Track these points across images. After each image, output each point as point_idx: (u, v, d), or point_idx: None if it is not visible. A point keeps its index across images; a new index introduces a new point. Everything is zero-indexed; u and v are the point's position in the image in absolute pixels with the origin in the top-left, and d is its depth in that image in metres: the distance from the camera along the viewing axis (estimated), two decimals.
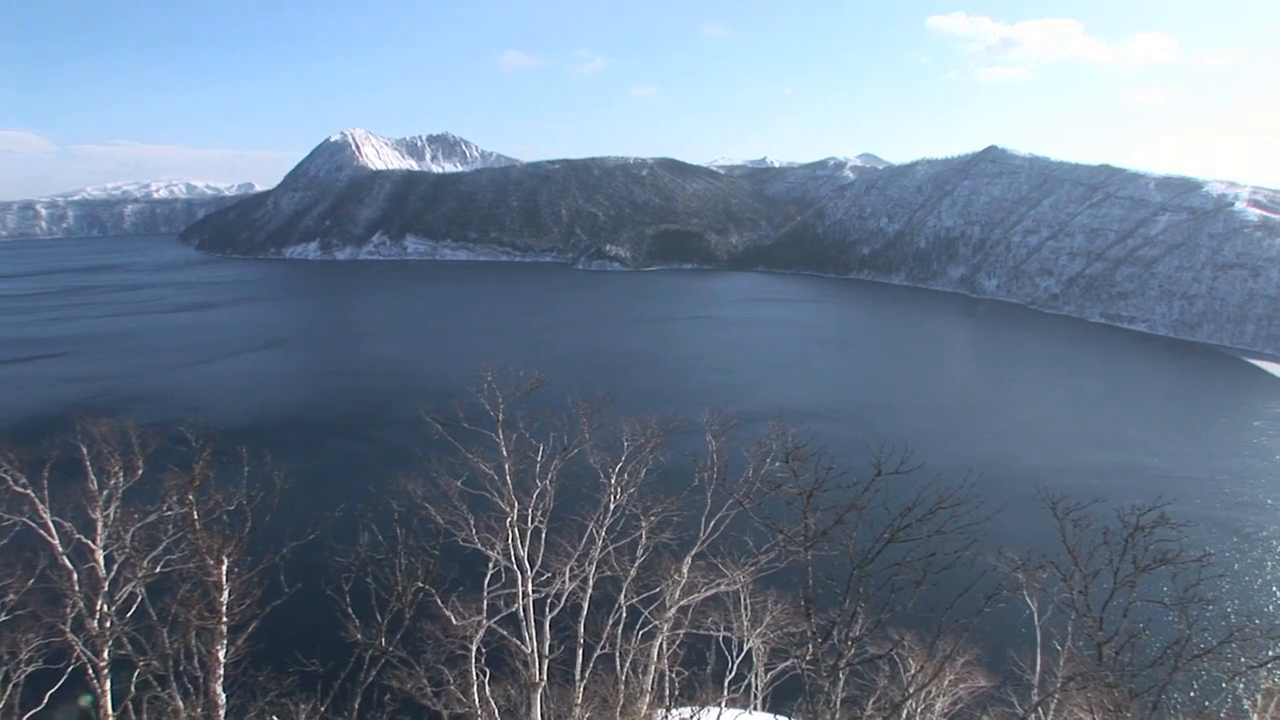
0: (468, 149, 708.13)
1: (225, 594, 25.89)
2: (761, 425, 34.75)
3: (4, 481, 28.51)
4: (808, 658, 25.59)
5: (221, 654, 25.82)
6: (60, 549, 28.41)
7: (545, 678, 30.67)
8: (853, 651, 22.95)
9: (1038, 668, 31.43)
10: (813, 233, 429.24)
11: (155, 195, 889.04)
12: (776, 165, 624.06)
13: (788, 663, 32.85)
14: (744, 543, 31.89)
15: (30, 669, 27.73)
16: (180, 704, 26.38)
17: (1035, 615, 30.19)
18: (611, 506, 32.17)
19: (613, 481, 32.52)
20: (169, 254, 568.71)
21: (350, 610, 25.97)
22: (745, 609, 35.26)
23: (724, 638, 35.89)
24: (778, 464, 28.52)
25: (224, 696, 25.96)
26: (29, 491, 28.70)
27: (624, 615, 32.12)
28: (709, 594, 32.89)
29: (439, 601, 28.54)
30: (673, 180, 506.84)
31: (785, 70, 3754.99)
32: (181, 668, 26.38)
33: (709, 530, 32.17)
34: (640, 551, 32.17)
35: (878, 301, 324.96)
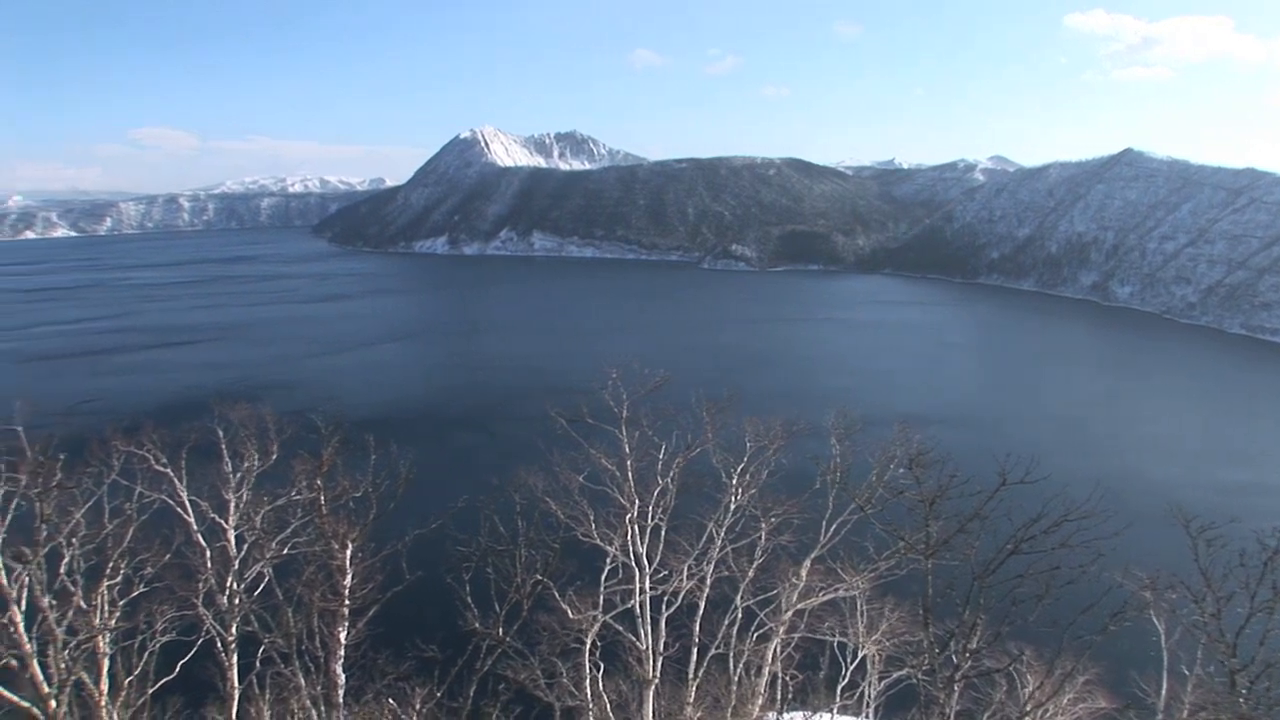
0: (595, 147, 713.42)
1: (349, 578, 26.58)
2: (885, 430, 34.29)
3: (146, 460, 29.69)
4: (924, 668, 25.30)
5: (343, 635, 26.52)
6: (195, 527, 29.46)
7: (658, 675, 30.74)
8: (969, 663, 22.62)
9: (1163, 692, 30.37)
10: (940, 236, 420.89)
11: (290, 189, 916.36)
12: (905, 167, 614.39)
13: (903, 672, 32.35)
14: (863, 548, 31.51)
15: (164, 639, 28.79)
16: (302, 681, 27.15)
17: (1163, 637, 29.13)
18: (732, 507, 32.09)
19: (734, 482, 32.43)
20: (303, 246, 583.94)
21: (469, 599, 26.36)
22: (862, 615, 34.82)
23: (839, 643, 35.48)
24: (901, 469, 28.19)
25: (343, 676, 26.65)
26: (169, 471, 29.84)
27: (739, 616, 32.02)
28: (826, 598, 32.58)
29: (556, 594, 28.78)
30: (800, 180, 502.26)
31: (916, 70, 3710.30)
32: (304, 647, 27.16)
33: (829, 534, 31.85)
34: (759, 553, 32.02)
35: (1006, 307, 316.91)
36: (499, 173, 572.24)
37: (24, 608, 25.80)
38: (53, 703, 25.54)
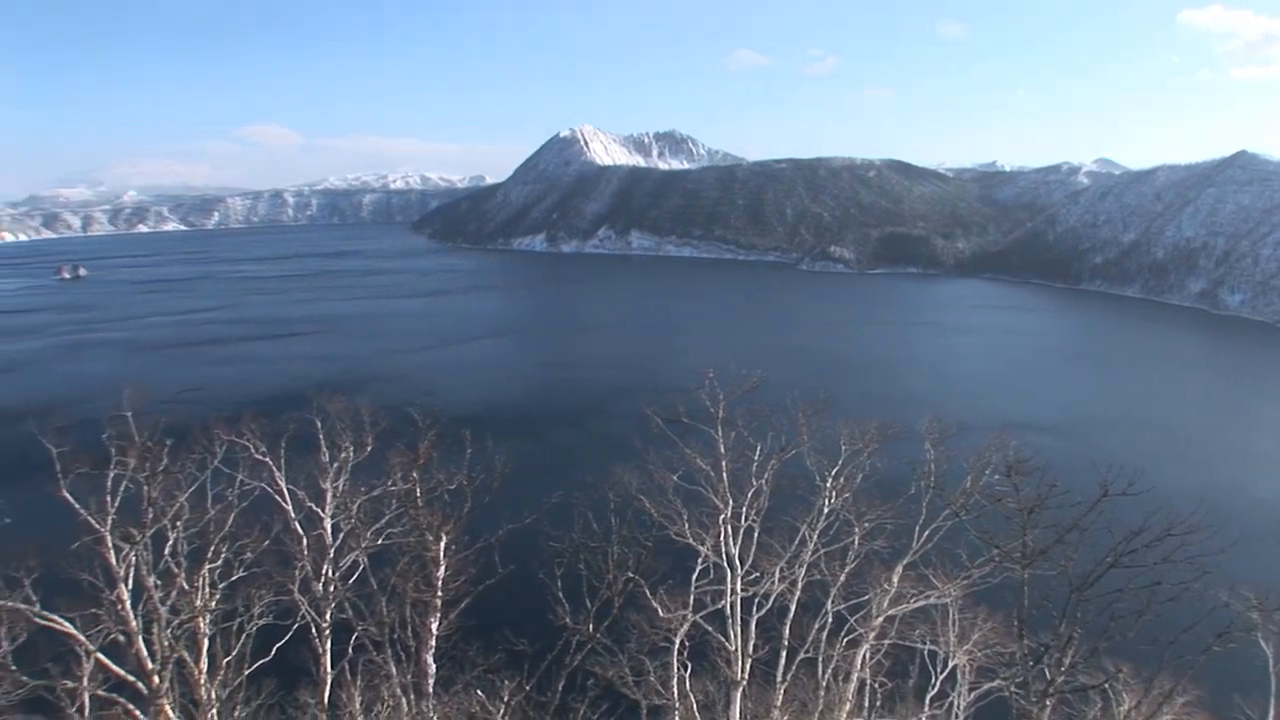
0: (694, 146, 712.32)
1: (442, 569, 26.97)
2: (982, 436, 33.79)
3: (247, 449, 30.48)
4: (1016, 680, 24.88)
5: (434, 626, 26.91)
6: (293, 515, 30.20)
7: (746, 676, 30.64)
8: (1064, 678, 22.17)
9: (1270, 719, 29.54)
10: (1042, 240, 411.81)
11: (391, 186, 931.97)
12: (1006, 169, 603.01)
13: (994, 683, 31.81)
14: (957, 555, 31.04)
15: (261, 622, 29.64)
16: (393, 669, 27.61)
17: (1270, 661, 28.22)
18: (825, 510, 31.86)
19: (828, 485, 32.19)
20: (403, 242, 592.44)
21: (561, 595, 26.53)
22: (953, 623, 34.29)
23: (929, 651, 35.02)
24: (998, 477, 27.72)
25: (434, 666, 27.04)
26: (268, 460, 30.60)
27: (830, 620, 31.80)
28: (918, 605, 32.18)
29: (647, 592, 28.87)
30: (899, 182, 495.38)
31: (1020, 71, 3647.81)
32: (396, 635, 27.65)
33: (922, 540, 31.42)
34: (851, 557, 31.76)
35: (1108, 313, 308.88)
36: (598, 171, 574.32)
37: (130, 586, 26.69)
38: (156, 678, 26.39)
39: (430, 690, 27.21)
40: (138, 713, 26.87)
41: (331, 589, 29.53)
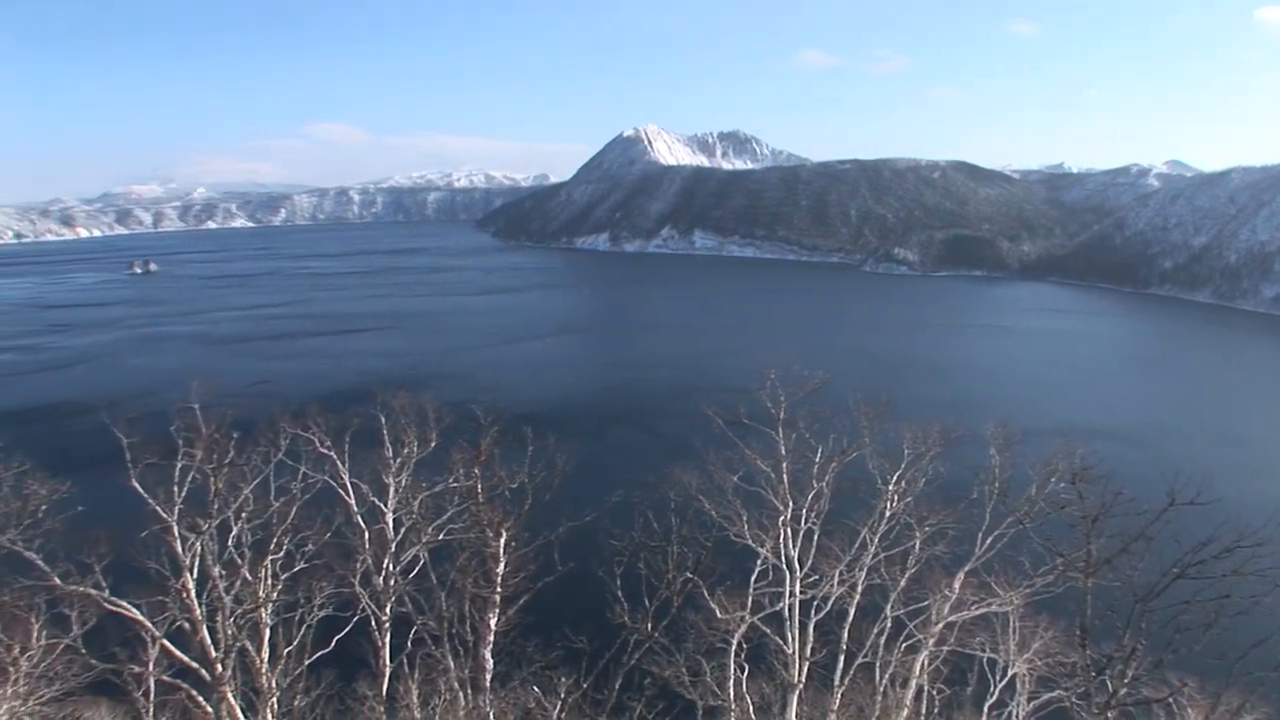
0: (758, 146, 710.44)
1: (501, 565, 27.19)
2: (1047, 442, 33.38)
3: (311, 442, 30.93)
4: (1077, 691, 24.57)
5: (493, 621, 27.12)
6: (355, 509, 30.63)
7: (804, 679, 30.54)
8: (1126, 691, 21.82)
9: None
10: (1110, 243, 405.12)
11: (456, 184, 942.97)
12: (1074, 171, 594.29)
13: (1054, 694, 31.36)
14: (1019, 563, 30.64)
15: (322, 614, 30.08)
16: (451, 664, 27.89)
17: None
18: (887, 514, 31.61)
19: (890, 488, 31.93)
20: (467, 240, 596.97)
21: (619, 593, 26.60)
22: (1014, 632, 33.84)
23: (988, 659, 34.65)
24: (1062, 484, 27.34)
25: (491, 661, 27.27)
26: (332, 453, 31.03)
27: (889, 625, 31.56)
28: (978, 612, 31.85)
29: (705, 593, 28.82)
30: (965, 184, 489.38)
31: (1090, 70, 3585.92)
32: (454, 630, 27.94)
33: (984, 546, 31.08)
34: (911, 562, 31.51)
35: (1178, 318, 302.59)
36: (661, 171, 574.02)
37: (195, 575, 27.24)
38: (219, 666, 26.92)
39: (487, 685, 27.45)
40: (201, 698, 27.48)
41: (392, 583, 29.88)
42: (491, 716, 27.28)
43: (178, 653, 27.49)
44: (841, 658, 30.98)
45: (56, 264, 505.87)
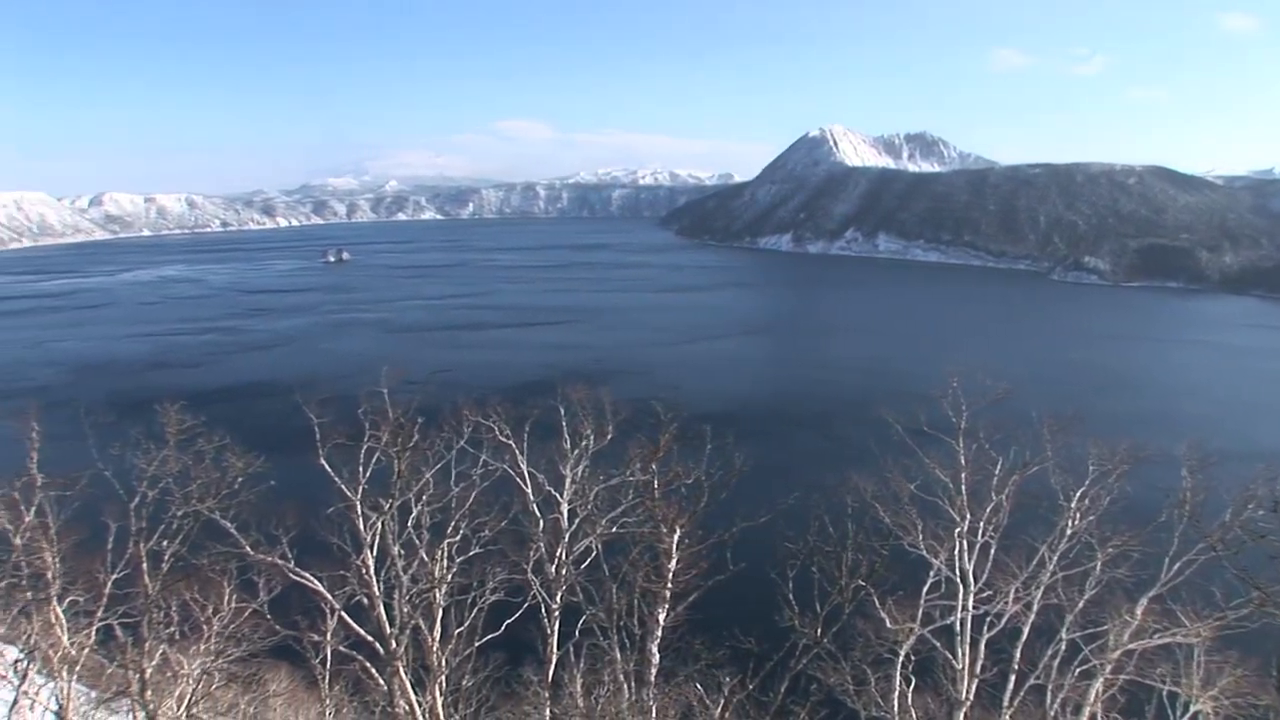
0: (945, 148, 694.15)
1: (673, 561, 27.35)
2: (1247, 467, 31.70)
3: (492, 431, 31.71)
4: None
5: (662, 616, 27.32)
6: (531, 498, 31.22)
7: (971, 697, 29.87)
8: None
9: None
10: None
11: (641, 182, 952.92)
12: None
13: None
14: (1209, 592, 29.23)
15: (493, 598, 30.82)
16: (617, 655, 28.18)
17: None
18: (1068, 532, 30.55)
19: (1073, 505, 30.85)
20: (651, 237, 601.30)
21: (790, 597, 26.43)
22: (1199, 666, 32.35)
23: (1168, 693, 33.24)
24: (1262, 512, 26.01)
25: (658, 656, 27.45)
26: (511, 442, 31.74)
27: (1063, 648, 30.55)
28: (1161, 642, 30.56)
29: (876, 602, 28.43)
30: (1163, 190, 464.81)
31: None
32: (623, 623, 28.22)
33: (1170, 572, 29.69)
34: (1092, 584, 30.41)
35: None
36: (846, 172, 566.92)
37: (375, 553, 28.33)
38: (393, 641, 27.91)
39: (652, 679, 27.64)
40: (374, 670, 28.56)
41: (564, 572, 30.33)
42: (654, 711, 27.47)
43: (354, 625, 28.67)
44: (1012, 678, 30.09)
45: (257, 251, 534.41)
